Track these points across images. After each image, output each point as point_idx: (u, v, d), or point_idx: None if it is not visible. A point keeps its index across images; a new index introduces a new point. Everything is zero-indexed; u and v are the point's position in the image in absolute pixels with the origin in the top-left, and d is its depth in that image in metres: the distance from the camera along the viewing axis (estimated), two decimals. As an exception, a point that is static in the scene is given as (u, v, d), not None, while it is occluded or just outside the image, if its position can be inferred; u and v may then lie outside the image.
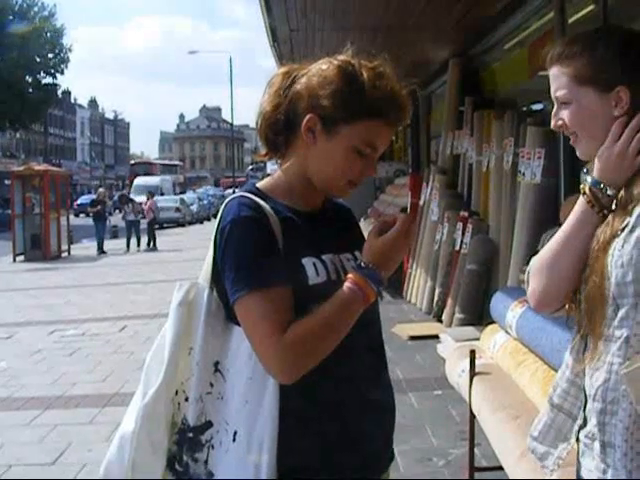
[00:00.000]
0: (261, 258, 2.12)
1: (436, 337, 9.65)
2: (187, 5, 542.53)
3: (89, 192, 69.72)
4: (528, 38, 9.84)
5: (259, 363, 2.10)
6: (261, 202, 2.20)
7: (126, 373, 8.73)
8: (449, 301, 10.66)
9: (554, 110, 2.20)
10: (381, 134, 2.25)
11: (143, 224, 29.84)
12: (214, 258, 2.22)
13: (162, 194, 40.67)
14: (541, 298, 2.18)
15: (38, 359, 10.27)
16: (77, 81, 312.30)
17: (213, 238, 2.22)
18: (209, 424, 2.19)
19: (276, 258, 2.14)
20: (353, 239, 2.42)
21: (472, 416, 5.08)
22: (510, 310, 5.23)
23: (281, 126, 2.30)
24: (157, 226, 39.36)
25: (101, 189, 32.35)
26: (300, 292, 2.13)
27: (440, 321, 10.90)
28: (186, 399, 2.23)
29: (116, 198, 41.56)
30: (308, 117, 2.22)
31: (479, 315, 9.71)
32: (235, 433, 2.15)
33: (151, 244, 29.39)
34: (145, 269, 21.86)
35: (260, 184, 2.38)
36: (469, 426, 5.16)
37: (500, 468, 4.51)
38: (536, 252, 6.01)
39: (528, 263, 5.72)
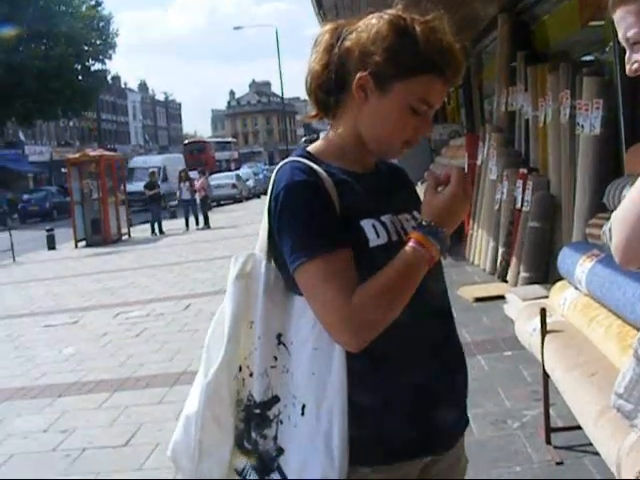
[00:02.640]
0: (319, 223, 2.03)
1: (502, 297, 9.47)
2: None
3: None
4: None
5: (323, 332, 2.01)
6: (314, 166, 2.11)
7: (192, 351, 8.70)
8: (513, 260, 10.49)
9: (627, 55, 2.07)
10: (436, 90, 2.15)
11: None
12: (269, 227, 2.13)
13: (166, 178, 38.96)
14: (626, 252, 2.00)
15: (105, 342, 10.34)
16: (126, 66, 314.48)
17: (267, 206, 2.13)
18: (276, 399, 2.12)
19: (334, 222, 2.05)
20: (410, 199, 2.33)
21: (545, 376, 4.96)
22: (579, 265, 5.09)
23: (331, 85, 2.20)
24: (215, 204, 39.83)
25: (151, 171, 32.24)
26: (361, 255, 2.04)
27: (505, 281, 10.72)
28: (250, 374, 2.15)
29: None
30: (360, 75, 2.12)
31: (544, 273, 9.55)
32: (303, 407, 2.07)
33: (201, 223, 29.46)
34: (205, 247, 21.92)
35: (311, 148, 2.28)
36: (543, 386, 5.05)
37: (577, 427, 4.42)
38: (602, 205, 5.83)
39: (594, 217, 5.56)
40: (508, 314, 8.58)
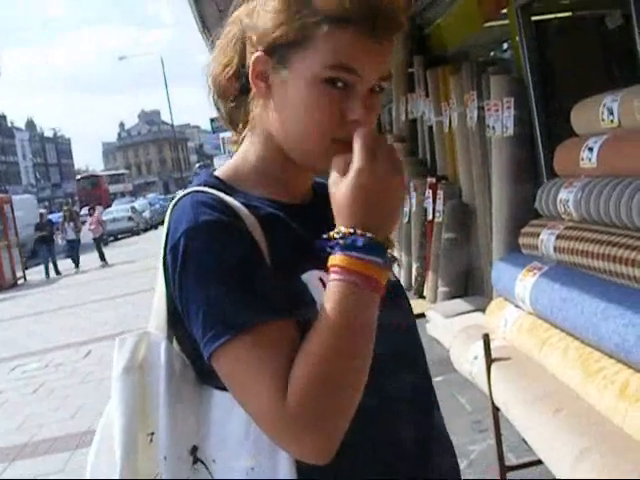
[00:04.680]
0: (241, 282, 1.36)
1: (422, 316, 8.93)
2: (113, 13, 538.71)
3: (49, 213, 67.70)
4: (473, -16, 9.20)
5: (262, 442, 1.36)
6: (226, 197, 1.45)
7: (96, 405, 7.89)
8: (429, 275, 10.00)
9: None
10: (359, 48, 1.43)
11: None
12: (168, 293, 1.46)
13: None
14: None
15: (0, 402, 9.54)
16: (12, 104, 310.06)
17: (162, 262, 1.46)
18: None
19: (264, 278, 1.39)
20: None
21: (495, 409, 4.40)
22: (519, 281, 4.57)
23: (237, 89, 1.57)
24: (112, 238, 39.20)
25: (42, 211, 31.19)
26: (307, 323, 1.36)
27: (423, 297, 10.22)
28: None
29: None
30: (254, 57, 1.49)
31: (463, 286, 9.15)
32: None
33: (98, 261, 28.44)
34: (103, 285, 21.12)
35: (221, 171, 1.60)
36: (493, 422, 4.46)
37: (536, 463, 3.90)
38: (527, 210, 5.32)
39: (527, 225, 5.04)
40: (432, 334, 8.04)
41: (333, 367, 1.31)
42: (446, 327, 7.50)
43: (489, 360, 4.35)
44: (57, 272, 27.35)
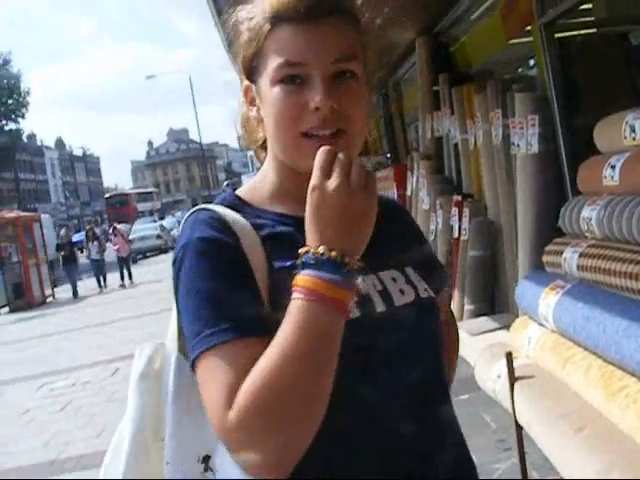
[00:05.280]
0: (221, 296, 1.39)
1: (448, 334, 8.91)
2: (139, 32, 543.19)
3: (78, 231, 67.59)
4: (497, 2, 9.20)
5: None
6: (231, 215, 1.50)
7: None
8: (456, 293, 9.96)
9: None
10: (296, 40, 1.49)
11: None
12: (177, 305, 1.50)
13: None
14: None
15: (27, 420, 9.62)
16: (41, 123, 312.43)
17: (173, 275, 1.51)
18: None
19: (245, 295, 1.41)
20: (404, 246, 1.66)
21: (519, 428, 4.38)
22: (542, 299, 4.56)
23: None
24: (140, 256, 39.21)
25: (63, 230, 31.10)
26: None
27: (449, 315, 10.18)
28: None
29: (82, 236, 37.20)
30: (243, 87, 1.63)
31: (490, 304, 9.09)
32: None
33: (126, 279, 28.20)
34: (130, 304, 21.20)
35: (241, 190, 1.66)
36: (517, 440, 4.45)
37: (558, 481, 3.87)
38: (551, 227, 5.31)
39: (550, 243, 5.02)
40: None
41: (274, 382, 1.29)
42: (472, 345, 7.47)
43: (512, 378, 4.34)
44: (75, 294, 26.97)
